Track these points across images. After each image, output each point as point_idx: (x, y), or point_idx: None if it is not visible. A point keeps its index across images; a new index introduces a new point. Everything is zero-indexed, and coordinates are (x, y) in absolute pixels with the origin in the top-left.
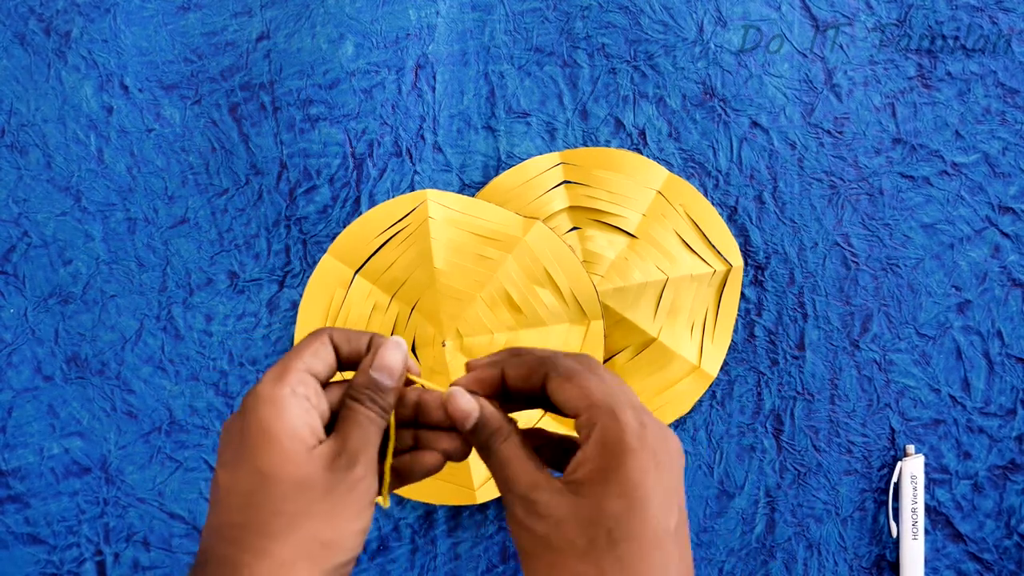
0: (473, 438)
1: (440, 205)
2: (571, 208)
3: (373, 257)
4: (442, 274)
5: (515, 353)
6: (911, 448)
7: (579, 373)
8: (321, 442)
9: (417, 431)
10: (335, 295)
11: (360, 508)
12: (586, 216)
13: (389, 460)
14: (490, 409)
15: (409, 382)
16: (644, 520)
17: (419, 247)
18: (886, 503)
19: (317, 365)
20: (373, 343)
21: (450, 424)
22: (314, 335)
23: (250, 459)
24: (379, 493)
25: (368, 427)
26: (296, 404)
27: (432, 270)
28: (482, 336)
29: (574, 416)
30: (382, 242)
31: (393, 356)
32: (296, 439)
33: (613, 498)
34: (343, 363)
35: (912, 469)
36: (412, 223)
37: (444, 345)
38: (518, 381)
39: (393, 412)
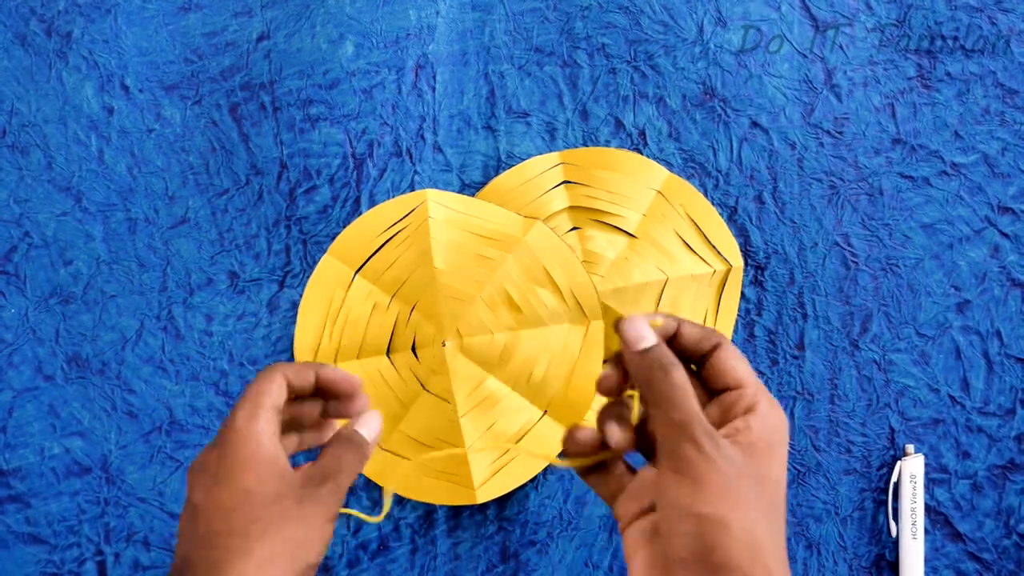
0: (644, 359)
1: (440, 205)
2: (571, 208)
3: (373, 257)
4: (442, 274)
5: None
6: (910, 448)
7: (741, 354)
8: (294, 468)
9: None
10: (335, 295)
11: (326, 519)
12: (586, 216)
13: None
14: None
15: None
16: (782, 488)
17: (419, 247)
18: (886, 503)
19: (279, 397)
20: (321, 377)
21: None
22: (269, 374)
23: (233, 481)
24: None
25: (349, 461)
26: (268, 437)
27: (432, 270)
28: (482, 336)
29: (727, 388)
30: (382, 242)
31: (373, 426)
32: (272, 465)
33: (775, 467)
34: (292, 394)
35: (911, 469)
36: (412, 223)
37: (444, 345)
38: (690, 341)
39: None
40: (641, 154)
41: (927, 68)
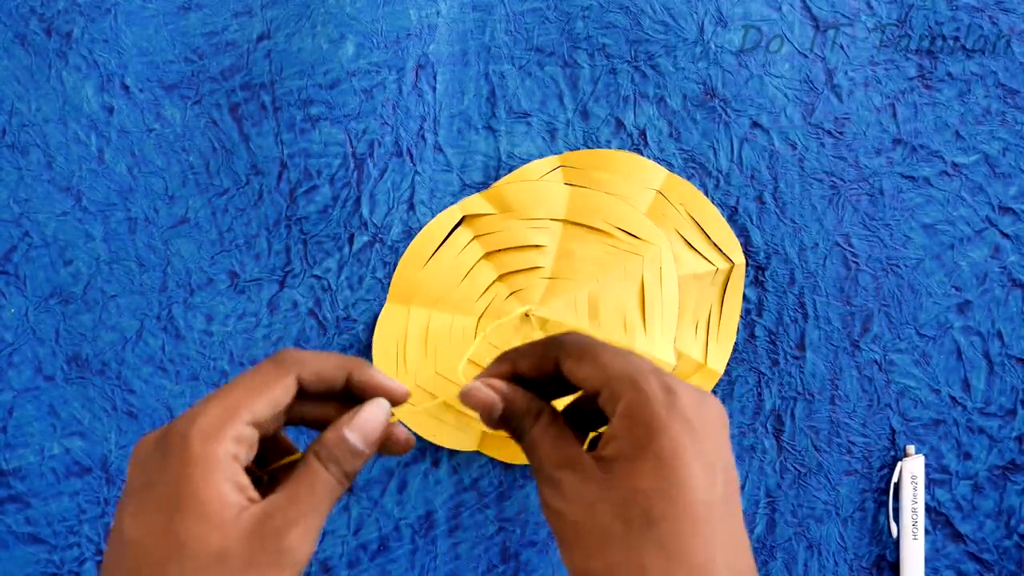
0: (507, 427)
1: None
2: None
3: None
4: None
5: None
6: (911, 448)
7: (590, 348)
8: (252, 501)
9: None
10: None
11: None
12: None
13: None
14: (515, 393)
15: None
16: (682, 496)
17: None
18: (886, 503)
19: (265, 412)
20: (354, 382)
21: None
22: (277, 369)
23: (167, 521)
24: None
25: (321, 494)
26: (228, 463)
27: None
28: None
29: (595, 394)
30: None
31: (375, 418)
32: (223, 504)
33: (645, 476)
34: (309, 395)
35: (912, 469)
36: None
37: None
38: (531, 371)
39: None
40: (642, 154)
41: (928, 68)
